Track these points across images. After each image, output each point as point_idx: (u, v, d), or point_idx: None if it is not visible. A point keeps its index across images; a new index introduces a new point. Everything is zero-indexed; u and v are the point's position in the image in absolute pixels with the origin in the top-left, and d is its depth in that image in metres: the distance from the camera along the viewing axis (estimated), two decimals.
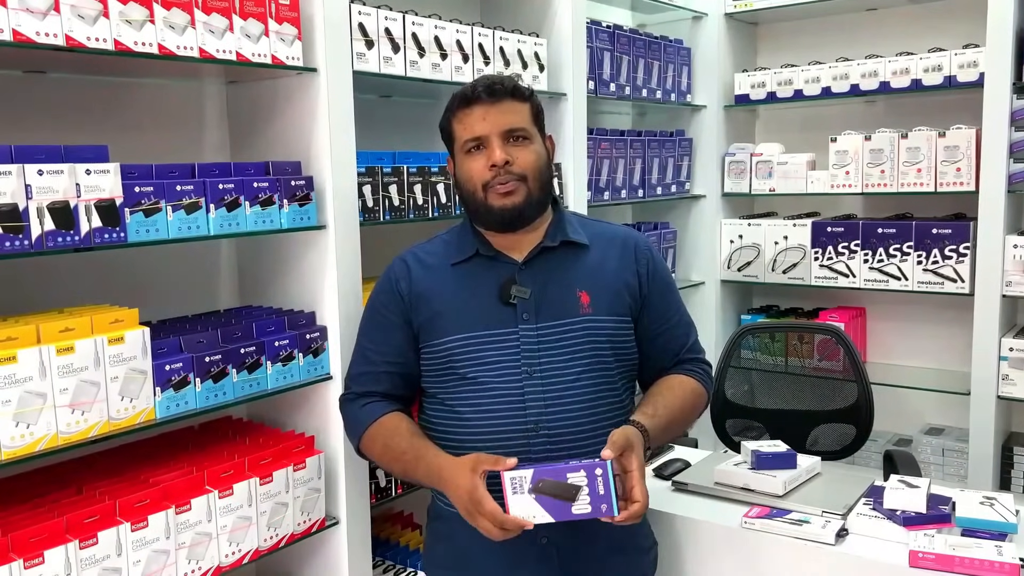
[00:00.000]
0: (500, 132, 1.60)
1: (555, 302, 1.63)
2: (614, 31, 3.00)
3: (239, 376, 1.78)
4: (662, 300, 1.73)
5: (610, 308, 1.65)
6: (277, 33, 1.82)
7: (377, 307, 1.72)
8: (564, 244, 1.68)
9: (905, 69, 3.12)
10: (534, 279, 1.64)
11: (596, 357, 1.62)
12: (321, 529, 1.96)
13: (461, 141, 1.64)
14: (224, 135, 2.16)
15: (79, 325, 1.53)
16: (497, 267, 1.66)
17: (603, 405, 1.62)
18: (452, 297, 1.65)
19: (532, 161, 1.62)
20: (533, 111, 1.66)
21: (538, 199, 1.64)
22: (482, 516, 1.42)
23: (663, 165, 3.34)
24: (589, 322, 1.62)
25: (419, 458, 1.57)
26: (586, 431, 1.59)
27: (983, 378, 2.93)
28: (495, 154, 1.59)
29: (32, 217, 1.44)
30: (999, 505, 1.72)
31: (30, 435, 1.44)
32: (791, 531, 1.73)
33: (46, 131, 1.81)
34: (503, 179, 1.59)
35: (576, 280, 1.65)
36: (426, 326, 1.65)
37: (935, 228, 3.05)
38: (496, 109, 1.60)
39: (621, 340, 1.66)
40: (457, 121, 1.64)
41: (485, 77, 1.66)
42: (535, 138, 1.65)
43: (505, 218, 1.62)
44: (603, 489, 1.40)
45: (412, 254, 1.73)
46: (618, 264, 1.69)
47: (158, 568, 1.61)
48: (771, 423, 2.68)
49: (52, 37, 1.47)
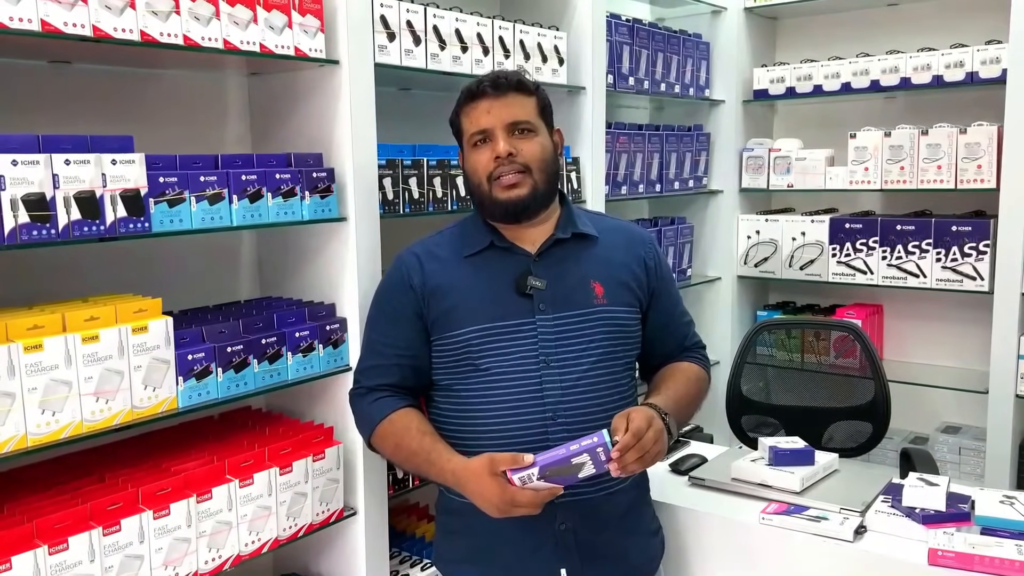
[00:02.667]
0: (504, 125, 1.62)
1: (571, 293, 1.65)
2: (633, 25, 3.00)
3: (260, 367, 1.79)
4: (668, 293, 1.79)
5: (622, 299, 1.69)
6: (300, 25, 1.83)
7: (387, 300, 1.72)
8: (575, 236, 1.70)
9: (926, 65, 3.10)
10: (548, 270, 1.65)
11: (609, 347, 1.65)
12: (339, 519, 1.97)
13: (468, 134, 1.67)
14: (246, 127, 2.17)
15: (104, 314, 1.54)
16: (511, 259, 1.67)
17: (615, 393, 1.65)
18: (467, 289, 1.65)
19: (537, 153, 1.64)
20: (539, 105, 1.68)
21: (543, 191, 1.65)
22: (520, 508, 1.46)
23: (680, 160, 3.33)
24: (604, 312, 1.65)
25: (431, 462, 1.58)
26: (600, 418, 1.60)
27: (1001, 377, 2.91)
28: (499, 146, 1.61)
29: (59, 206, 1.45)
30: (1019, 504, 1.71)
31: (55, 423, 1.46)
32: (809, 528, 1.73)
33: (71, 121, 1.82)
34: (507, 170, 1.61)
35: (589, 271, 1.68)
36: (441, 319, 1.65)
37: (955, 225, 3.03)
38: (501, 103, 1.62)
39: (630, 331, 1.70)
40: (464, 115, 1.67)
41: (492, 72, 1.69)
42: (540, 131, 1.67)
43: (509, 210, 1.64)
44: (604, 457, 1.44)
45: (421, 246, 1.74)
46: (625, 256, 1.73)
47: (179, 556, 1.62)
48: (787, 419, 2.67)
49: (80, 28, 1.48)
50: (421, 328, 1.68)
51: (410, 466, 1.66)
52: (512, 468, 1.44)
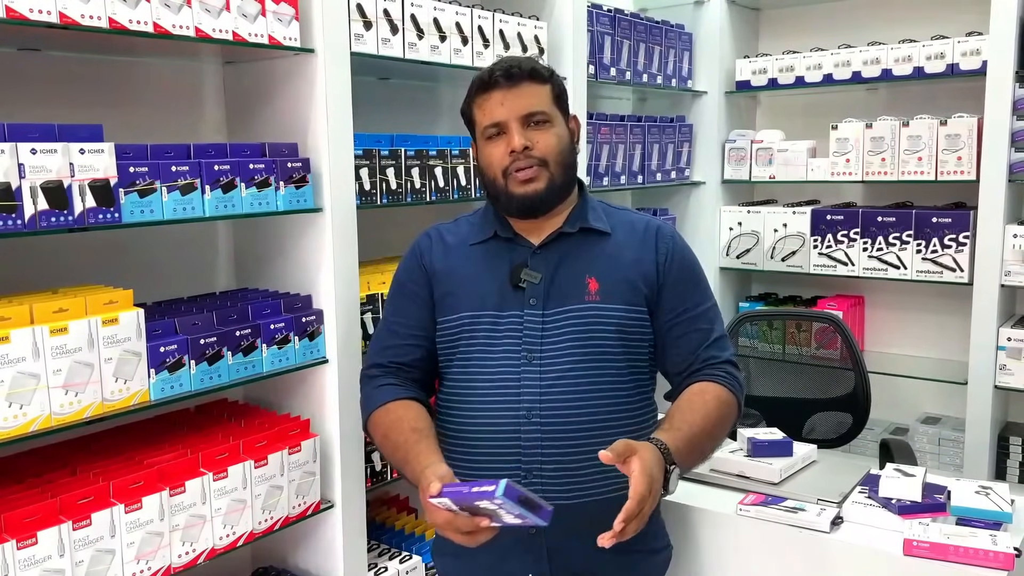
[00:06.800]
0: (519, 117, 1.57)
1: (563, 288, 1.60)
2: (615, 15, 2.98)
3: (234, 359, 1.78)
4: (678, 289, 1.64)
5: (621, 297, 1.59)
6: (274, 13, 1.80)
7: (403, 280, 1.71)
8: (583, 231, 1.65)
9: (907, 56, 3.10)
10: (546, 264, 1.62)
11: (599, 347, 1.57)
12: (316, 512, 1.95)
13: (481, 127, 1.62)
14: (221, 115, 2.14)
15: (73, 306, 1.52)
16: (512, 250, 1.64)
17: (602, 397, 1.56)
18: (465, 277, 1.64)
19: (553, 145, 1.59)
20: (554, 92, 1.63)
21: (561, 183, 1.61)
22: (444, 530, 1.36)
23: (663, 151, 3.32)
24: (593, 309, 1.58)
25: (407, 460, 1.51)
26: (580, 422, 1.54)
27: (981, 368, 2.92)
28: (514, 139, 1.56)
29: (25, 196, 1.42)
30: (994, 494, 1.72)
31: (23, 416, 1.44)
32: (786, 518, 1.73)
33: (40, 109, 1.79)
34: (523, 164, 1.57)
35: (588, 267, 1.61)
36: (440, 302, 1.65)
37: (935, 217, 3.04)
38: (514, 93, 1.57)
39: (632, 331, 1.60)
40: (477, 107, 1.62)
41: (504, 60, 1.62)
42: (556, 120, 1.61)
43: (525, 205, 1.59)
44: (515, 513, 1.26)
45: (436, 230, 1.73)
46: (637, 253, 1.64)
47: (152, 550, 1.61)
48: (768, 411, 2.67)
49: (46, 14, 1.45)
50: (432, 308, 1.66)
51: (393, 460, 1.61)
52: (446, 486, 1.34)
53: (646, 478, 1.32)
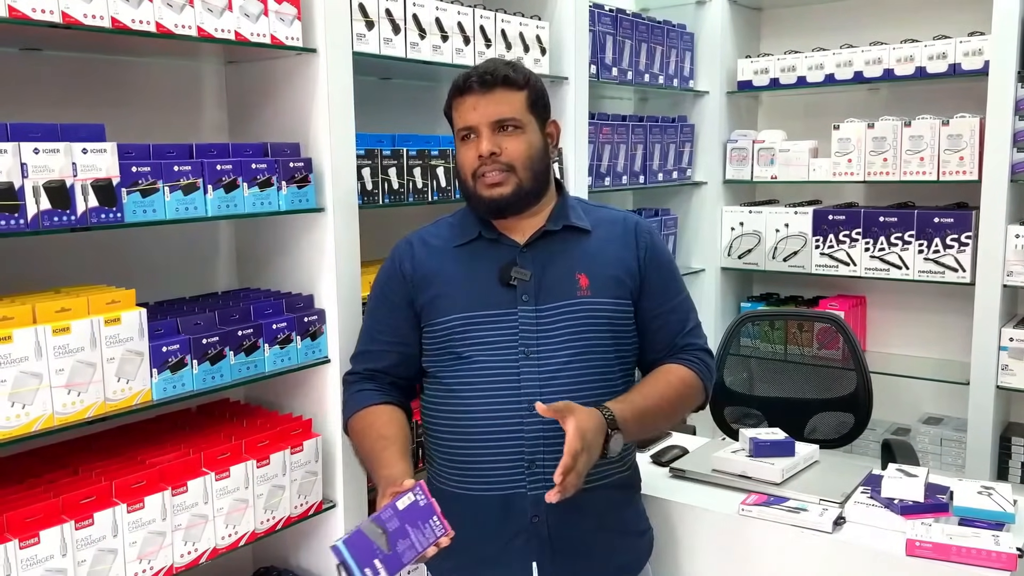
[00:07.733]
0: (490, 122, 1.61)
1: (555, 284, 1.64)
2: (617, 15, 2.98)
3: (236, 359, 1.77)
4: (659, 284, 1.71)
5: (610, 291, 1.65)
6: (276, 13, 1.80)
7: (381, 288, 1.74)
8: (566, 228, 1.68)
9: (909, 56, 3.10)
10: (535, 262, 1.65)
11: (592, 339, 1.62)
12: (318, 512, 1.95)
13: (456, 128, 1.67)
14: (223, 115, 2.14)
15: (75, 305, 1.52)
16: (499, 249, 1.67)
17: (596, 387, 1.61)
18: (453, 278, 1.66)
19: (522, 151, 1.62)
20: (530, 98, 1.65)
21: (529, 188, 1.64)
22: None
23: (664, 151, 3.32)
24: (587, 304, 1.63)
25: (373, 467, 1.58)
26: None
27: (983, 368, 2.92)
28: (482, 144, 1.61)
29: (28, 196, 1.42)
30: (997, 495, 1.72)
31: (26, 415, 1.43)
32: (788, 519, 1.73)
33: (42, 109, 1.79)
34: (489, 168, 1.61)
35: (576, 263, 1.66)
36: (428, 306, 1.66)
37: (937, 217, 3.04)
38: (487, 99, 1.61)
39: (620, 323, 1.66)
40: (454, 109, 1.67)
41: (482, 65, 1.66)
42: (528, 127, 1.64)
43: (492, 207, 1.64)
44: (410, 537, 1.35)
45: (417, 236, 1.75)
46: (619, 247, 1.70)
47: (154, 549, 1.60)
48: (770, 411, 2.67)
49: (48, 14, 1.45)
50: (411, 316, 1.69)
51: (364, 465, 1.68)
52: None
53: (579, 437, 1.41)
